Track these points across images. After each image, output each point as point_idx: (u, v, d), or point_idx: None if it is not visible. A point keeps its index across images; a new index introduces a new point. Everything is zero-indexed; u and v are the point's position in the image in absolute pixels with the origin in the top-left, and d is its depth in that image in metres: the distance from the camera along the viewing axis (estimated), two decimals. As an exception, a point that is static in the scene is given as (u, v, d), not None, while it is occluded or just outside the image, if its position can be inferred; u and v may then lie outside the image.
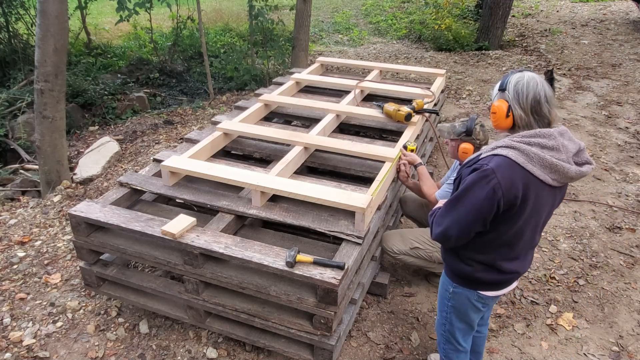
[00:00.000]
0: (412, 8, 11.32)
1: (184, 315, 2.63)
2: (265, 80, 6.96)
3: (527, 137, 1.70)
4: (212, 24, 10.00)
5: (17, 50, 6.87)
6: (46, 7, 3.97)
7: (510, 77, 1.74)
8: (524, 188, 1.69)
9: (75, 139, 5.90)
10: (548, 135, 1.69)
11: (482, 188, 1.69)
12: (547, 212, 1.84)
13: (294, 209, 2.59)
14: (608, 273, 3.28)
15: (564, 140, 1.73)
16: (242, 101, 3.99)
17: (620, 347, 2.73)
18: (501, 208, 1.70)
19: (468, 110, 5.77)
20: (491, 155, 1.72)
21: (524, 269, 1.95)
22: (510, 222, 1.76)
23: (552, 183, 1.72)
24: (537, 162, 1.68)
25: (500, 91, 1.76)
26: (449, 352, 2.19)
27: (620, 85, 6.50)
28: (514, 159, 1.67)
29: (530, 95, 1.69)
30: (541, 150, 1.68)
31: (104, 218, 2.52)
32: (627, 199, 4.07)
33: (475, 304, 1.98)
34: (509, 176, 1.67)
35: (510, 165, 1.67)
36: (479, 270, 1.88)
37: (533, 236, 1.87)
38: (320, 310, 2.22)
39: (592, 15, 10.17)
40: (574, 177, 1.74)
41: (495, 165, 1.68)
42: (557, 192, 1.81)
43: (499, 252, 1.85)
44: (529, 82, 1.70)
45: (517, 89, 1.71)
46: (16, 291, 3.12)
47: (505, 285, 1.96)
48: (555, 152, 1.70)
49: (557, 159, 1.69)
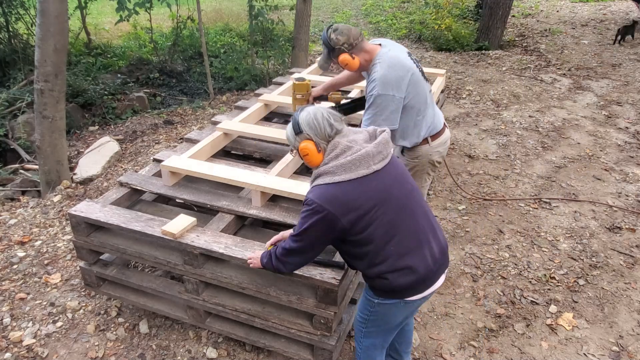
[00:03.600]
0: (412, 8, 11.32)
1: (184, 315, 2.63)
2: (265, 80, 6.97)
3: (324, 164, 1.80)
4: (212, 24, 10.00)
5: (17, 50, 6.87)
6: (46, 7, 3.97)
7: (298, 119, 1.84)
8: (356, 194, 1.74)
9: (75, 139, 5.90)
10: (333, 146, 1.80)
11: (319, 224, 1.76)
12: (400, 188, 1.83)
13: (294, 209, 2.59)
14: (608, 273, 3.28)
15: (348, 138, 1.83)
16: (242, 101, 3.99)
17: (620, 347, 2.73)
18: (347, 231, 1.76)
19: (468, 110, 5.77)
20: (309, 193, 1.80)
21: (435, 257, 1.87)
22: (373, 224, 1.77)
23: (368, 171, 1.76)
24: (343, 171, 1.75)
25: (298, 134, 1.84)
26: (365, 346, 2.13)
27: (620, 85, 6.50)
28: (327, 182, 1.75)
29: (323, 124, 1.81)
30: (337, 160, 1.77)
31: (104, 218, 2.52)
32: (627, 199, 4.07)
33: (402, 310, 1.94)
34: (334, 201, 1.73)
35: (329, 189, 1.75)
36: (394, 279, 1.82)
37: (411, 217, 1.83)
38: (320, 311, 2.22)
39: (592, 15, 10.17)
40: (375, 152, 1.79)
41: (316, 197, 1.75)
42: (388, 168, 1.83)
43: (391, 252, 1.80)
44: (316, 115, 1.81)
45: (311, 126, 1.81)
46: (16, 291, 3.12)
47: (427, 284, 1.87)
48: (349, 151, 1.78)
49: (351, 155, 1.76)
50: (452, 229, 3.69)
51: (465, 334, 2.82)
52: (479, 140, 5.06)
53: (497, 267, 3.32)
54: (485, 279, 3.22)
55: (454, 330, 2.84)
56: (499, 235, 3.63)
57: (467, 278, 3.23)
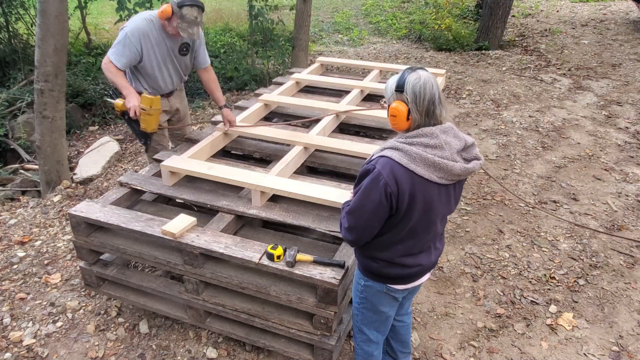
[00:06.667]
0: (412, 8, 11.32)
1: (184, 315, 2.63)
2: (265, 80, 6.96)
3: (411, 138, 1.74)
4: (212, 24, 9.99)
5: (17, 50, 6.87)
6: (46, 7, 3.97)
7: (407, 78, 1.72)
8: (411, 188, 1.72)
9: (75, 139, 5.91)
10: (430, 134, 1.73)
11: (375, 190, 1.73)
12: (443, 208, 1.86)
13: (294, 209, 2.59)
14: (608, 273, 3.28)
15: (447, 138, 1.75)
16: (242, 101, 4.00)
17: (620, 347, 2.73)
18: (394, 207, 1.75)
19: (468, 110, 5.77)
20: (378, 157, 1.77)
21: (431, 261, 1.98)
22: (402, 222, 1.80)
23: (438, 181, 1.74)
24: (420, 161, 1.71)
25: (398, 92, 1.74)
26: (360, 342, 2.22)
27: (620, 85, 6.50)
28: (398, 160, 1.71)
29: (427, 97, 1.71)
30: (424, 149, 1.72)
31: (104, 218, 2.52)
32: (627, 199, 4.07)
33: (386, 297, 2.02)
34: (394, 177, 1.71)
35: (394, 167, 1.71)
36: (384, 266, 1.92)
37: (429, 231, 1.88)
38: (320, 310, 2.22)
39: (592, 15, 10.17)
40: (460, 174, 1.76)
41: (381, 167, 1.72)
42: (450, 188, 1.84)
43: (397, 250, 1.88)
44: (425, 84, 1.70)
45: (415, 91, 1.70)
46: (16, 291, 3.12)
47: (414, 279, 1.98)
48: (439, 150, 1.73)
49: (439, 157, 1.72)
50: (452, 229, 3.69)
51: (465, 334, 2.82)
52: (479, 140, 5.06)
53: (497, 267, 3.32)
54: (485, 279, 3.22)
55: (454, 330, 2.84)
56: (499, 235, 3.63)
57: (467, 278, 3.23)
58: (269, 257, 2.22)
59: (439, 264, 3.33)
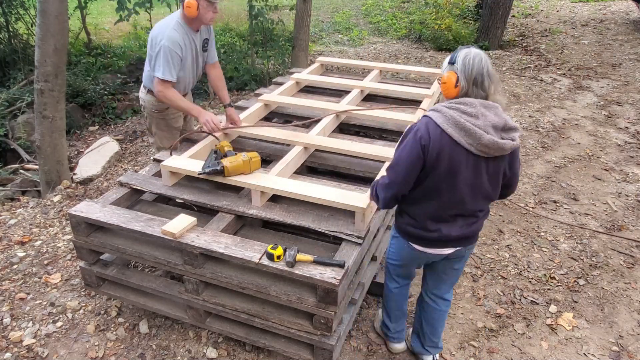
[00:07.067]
0: (412, 8, 11.32)
1: (184, 315, 2.63)
2: (265, 80, 6.96)
3: (452, 103, 1.91)
4: (212, 24, 9.99)
5: (17, 50, 6.87)
6: (46, 7, 3.97)
7: (459, 52, 1.93)
8: (440, 145, 1.89)
9: (75, 139, 5.91)
10: (469, 103, 1.88)
11: (414, 143, 1.93)
12: (472, 178, 1.96)
13: (294, 209, 2.59)
14: (608, 273, 3.28)
15: (486, 111, 1.89)
16: (242, 101, 3.99)
17: (620, 347, 2.73)
18: (425, 160, 1.92)
19: (468, 110, 5.77)
20: (422, 117, 1.99)
21: (452, 234, 2.10)
22: (429, 178, 1.97)
23: (467, 147, 1.88)
24: (452, 123, 1.87)
25: (450, 64, 1.94)
26: (386, 278, 2.57)
27: (620, 85, 6.50)
28: (435, 119, 1.90)
29: (475, 68, 1.88)
30: (459, 114, 1.87)
31: (104, 218, 2.52)
32: (627, 199, 4.07)
33: (407, 250, 2.26)
34: (429, 132, 1.90)
35: (430, 124, 1.92)
36: (409, 224, 2.16)
37: (454, 198, 2.00)
38: (320, 310, 2.22)
39: (592, 15, 10.17)
40: (488, 145, 1.86)
41: (420, 124, 1.95)
42: (482, 161, 1.93)
43: (424, 208, 2.08)
44: (474, 57, 1.89)
45: (465, 62, 1.89)
46: (16, 291, 3.12)
47: (433, 245, 2.16)
48: (473, 117, 1.86)
49: (471, 123, 1.85)
50: (452, 229, 3.69)
51: (465, 334, 2.82)
52: (479, 140, 5.06)
53: (497, 267, 3.32)
54: (485, 279, 3.22)
55: (454, 330, 2.84)
56: (499, 235, 3.63)
57: (467, 278, 3.23)
58: (269, 257, 2.22)
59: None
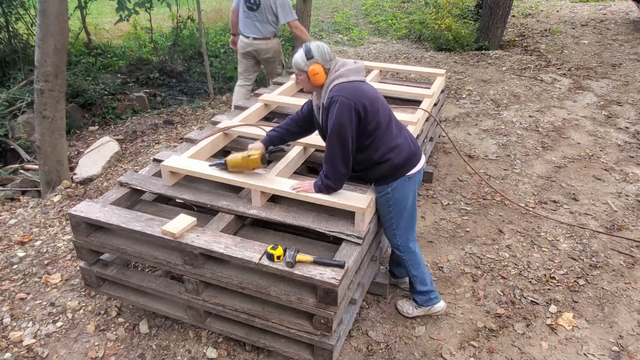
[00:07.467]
0: (412, 8, 11.32)
1: (184, 315, 2.64)
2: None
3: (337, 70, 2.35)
4: (212, 24, 9.99)
5: (17, 50, 6.87)
6: (46, 7, 3.97)
7: (310, 48, 2.35)
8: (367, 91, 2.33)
9: (75, 139, 5.91)
10: (336, 62, 2.37)
11: (346, 112, 2.25)
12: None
13: (294, 209, 2.59)
14: (608, 273, 3.28)
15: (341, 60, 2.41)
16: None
17: (620, 347, 2.73)
18: (362, 118, 2.30)
19: (468, 110, 5.77)
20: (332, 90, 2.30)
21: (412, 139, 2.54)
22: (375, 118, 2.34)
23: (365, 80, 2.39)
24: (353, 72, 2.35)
25: (309, 59, 2.34)
26: (409, 245, 2.68)
27: (620, 85, 6.50)
28: (346, 80, 2.31)
29: (328, 51, 2.37)
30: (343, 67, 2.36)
31: (104, 218, 2.52)
32: (627, 199, 4.08)
33: (408, 185, 2.50)
34: (355, 92, 2.28)
35: (348, 85, 2.30)
36: (393, 159, 2.42)
37: (391, 115, 2.47)
38: (320, 310, 2.22)
39: (592, 15, 10.17)
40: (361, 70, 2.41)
41: (341, 91, 2.27)
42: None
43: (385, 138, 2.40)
44: (323, 45, 2.37)
45: (320, 52, 2.35)
46: (16, 291, 3.12)
47: (418, 157, 2.52)
48: (347, 64, 2.37)
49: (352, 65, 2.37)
50: (452, 228, 3.69)
51: (465, 334, 2.82)
52: (478, 140, 5.06)
53: (497, 267, 3.32)
54: (485, 279, 3.22)
55: (454, 330, 2.84)
56: (499, 235, 3.64)
57: (467, 278, 3.23)
58: (269, 258, 2.22)
59: (439, 264, 3.34)
